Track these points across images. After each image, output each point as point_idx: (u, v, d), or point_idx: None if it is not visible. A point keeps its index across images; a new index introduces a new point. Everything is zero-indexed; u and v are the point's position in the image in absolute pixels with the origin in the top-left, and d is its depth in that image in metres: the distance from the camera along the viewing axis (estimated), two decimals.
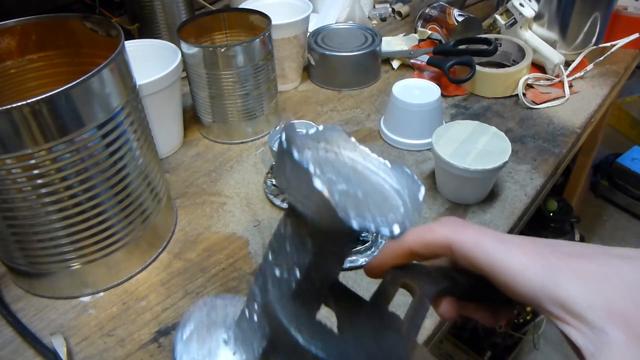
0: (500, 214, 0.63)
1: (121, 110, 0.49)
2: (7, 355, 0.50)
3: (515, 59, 0.89)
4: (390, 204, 0.24)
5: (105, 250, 0.53)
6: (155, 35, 0.91)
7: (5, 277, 0.58)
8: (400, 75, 0.94)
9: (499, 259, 0.25)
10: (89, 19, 0.54)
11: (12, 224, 0.48)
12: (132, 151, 0.52)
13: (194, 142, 0.79)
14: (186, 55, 0.71)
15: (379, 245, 0.59)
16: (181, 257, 0.60)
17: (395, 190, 0.25)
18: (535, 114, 0.82)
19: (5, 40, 0.54)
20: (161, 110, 0.70)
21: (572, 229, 1.52)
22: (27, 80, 0.57)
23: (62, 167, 0.45)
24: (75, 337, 0.51)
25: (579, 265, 0.23)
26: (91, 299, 0.55)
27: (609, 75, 0.92)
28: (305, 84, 0.93)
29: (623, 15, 0.96)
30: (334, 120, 0.82)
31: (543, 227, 1.46)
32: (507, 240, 0.26)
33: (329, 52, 0.87)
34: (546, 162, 0.71)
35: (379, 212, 0.22)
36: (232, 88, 0.72)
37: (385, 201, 0.24)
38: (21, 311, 0.54)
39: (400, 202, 0.25)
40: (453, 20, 0.95)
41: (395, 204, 0.24)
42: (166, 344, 0.50)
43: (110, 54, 0.46)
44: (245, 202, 0.67)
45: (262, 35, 0.70)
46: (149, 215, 0.56)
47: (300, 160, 0.22)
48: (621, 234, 1.82)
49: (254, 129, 0.77)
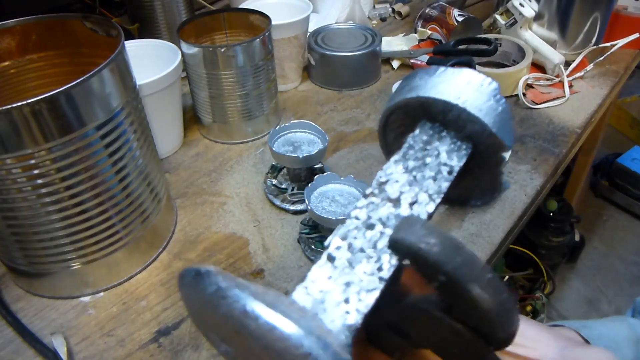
0: (500, 213, 0.63)
1: (121, 110, 0.49)
2: (7, 355, 0.50)
3: (515, 59, 0.89)
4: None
5: (105, 250, 0.53)
6: (155, 35, 0.91)
7: (5, 277, 0.58)
8: (400, 75, 0.94)
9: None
10: (89, 19, 0.54)
11: (12, 224, 0.48)
12: (132, 151, 0.52)
13: (194, 142, 0.79)
14: (186, 55, 0.71)
15: None
16: (181, 257, 0.60)
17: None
18: (535, 114, 0.82)
19: (5, 40, 0.54)
20: (161, 110, 0.70)
21: (572, 229, 1.52)
22: (27, 80, 0.57)
23: (62, 167, 0.45)
24: (76, 337, 0.51)
25: None
26: (91, 299, 0.55)
27: (609, 75, 0.92)
28: (305, 84, 0.93)
29: (623, 15, 0.96)
30: (334, 120, 0.82)
31: (543, 227, 1.46)
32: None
33: (329, 52, 0.87)
34: (546, 162, 0.71)
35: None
36: (232, 88, 0.72)
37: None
38: (21, 311, 0.54)
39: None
40: (453, 20, 0.95)
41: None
42: (166, 343, 0.50)
43: (110, 54, 0.46)
44: (245, 202, 0.67)
45: (262, 35, 0.70)
46: (149, 215, 0.56)
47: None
48: (621, 234, 1.82)
49: (254, 129, 0.77)
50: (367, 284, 0.20)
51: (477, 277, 0.19)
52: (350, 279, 0.20)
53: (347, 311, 0.19)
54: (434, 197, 0.22)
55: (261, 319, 0.17)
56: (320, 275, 0.20)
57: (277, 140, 0.67)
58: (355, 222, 0.21)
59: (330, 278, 0.20)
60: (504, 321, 0.20)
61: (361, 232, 0.21)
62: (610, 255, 1.75)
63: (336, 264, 0.20)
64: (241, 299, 0.17)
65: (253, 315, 0.17)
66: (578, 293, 1.64)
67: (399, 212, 0.22)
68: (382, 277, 0.20)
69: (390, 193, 0.22)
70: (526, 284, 1.48)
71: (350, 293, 0.20)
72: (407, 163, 0.23)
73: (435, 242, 0.19)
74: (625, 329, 0.36)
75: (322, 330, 0.18)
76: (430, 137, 0.24)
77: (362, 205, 0.22)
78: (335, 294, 0.19)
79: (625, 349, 0.34)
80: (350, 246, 0.21)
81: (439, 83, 0.23)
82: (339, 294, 0.19)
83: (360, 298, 0.19)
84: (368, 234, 0.21)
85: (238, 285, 0.18)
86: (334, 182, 0.60)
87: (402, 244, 0.20)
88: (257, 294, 0.17)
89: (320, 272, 0.20)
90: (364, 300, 0.19)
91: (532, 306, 1.41)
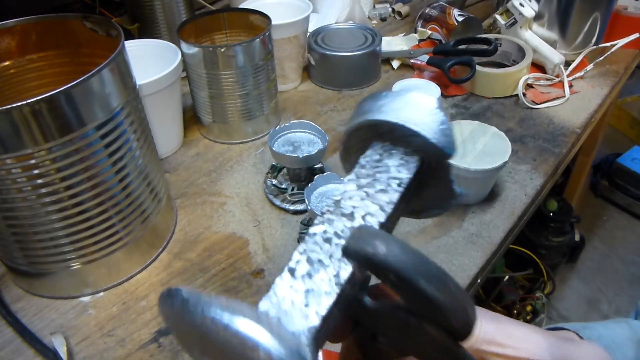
0: (500, 214, 0.63)
1: (121, 110, 0.49)
2: (7, 355, 0.50)
3: (515, 59, 0.89)
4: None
5: (105, 250, 0.53)
6: (155, 35, 0.91)
7: (5, 277, 0.58)
8: (400, 75, 0.94)
9: None
10: (89, 19, 0.54)
11: (12, 224, 0.48)
12: (132, 151, 0.52)
13: (194, 142, 0.79)
14: (186, 55, 0.71)
15: None
16: (181, 257, 0.60)
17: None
18: (535, 113, 0.82)
19: (5, 40, 0.54)
20: (161, 110, 0.70)
21: (572, 229, 1.52)
22: (27, 80, 0.57)
23: (62, 167, 0.45)
24: (76, 337, 0.51)
25: None
26: (91, 299, 0.55)
27: (609, 75, 0.92)
28: (305, 84, 0.93)
29: (623, 15, 0.96)
30: (333, 120, 0.82)
31: (543, 227, 1.46)
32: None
33: (329, 52, 0.87)
34: (546, 162, 0.71)
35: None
36: (232, 88, 0.72)
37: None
38: (21, 311, 0.54)
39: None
40: (453, 20, 0.95)
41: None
42: (166, 343, 0.50)
43: (110, 54, 0.46)
44: (245, 202, 0.67)
45: (262, 35, 0.70)
46: (149, 215, 0.56)
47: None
48: (621, 234, 1.82)
49: (254, 129, 0.77)
50: (325, 290, 0.22)
51: (421, 271, 0.21)
52: (310, 286, 0.22)
53: (306, 315, 0.21)
54: (385, 208, 0.24)
55: (223, 323, 0.18)
56: (282, 286, 0.22)
57: (277, 140, 0.67)
58: (313, 237, 0.24)
59: (291, 287, 0.22)
60: (454, 310, 0.22)
61: (318, 246, 0.23)
62: (610, 255, 1.75)
63: (296, 274, 0.22)
64: (205, 307, 0.19)
65: (216, 320, 0.19)
66: (578, 293, 1.64)
67: (352, 225, 0.24)
68: (339, 282, 0.22)
69: (345, 208, 0.25)
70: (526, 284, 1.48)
71: (310, 298, 0.22)
72: (359, 181, 0.26)
73: (381, 245, 0.21)
74: (626, 330, 0.36)
75: (283, 331, 0.20)
76: (380, 156, 0.27)
77: (319, 222, 0.24)
78: (296, 300, 0.21)
79: (626, 350, 0.34)
80: (309, 259, 0.23)
81: (382, 106, 0.26)
82: (299, 301, 0.21)
83: (319, 302, 0.21)
84: (325, 247, 0.23)
85: (201, 296, 0.19)
86: (334, 182, 0.60)
87: (352, 250, 0.22)
88: (221, 304, 0.19)
89: (283, 284, 0.22)
90: (322, 304, 0.21)
91: (532, 306, 1.41)
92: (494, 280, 1.40)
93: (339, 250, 0.23)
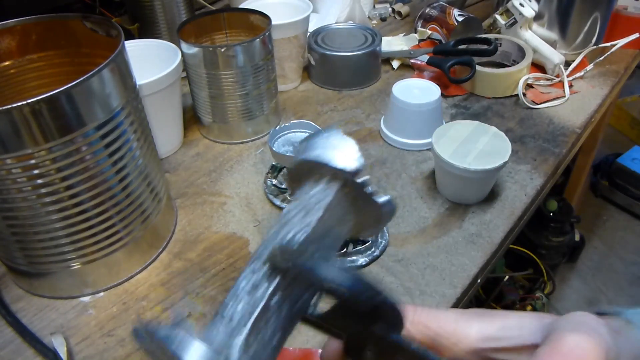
0: (500, 214, 0.63)
1: (121, 110, 0.49)
2: (7, 355, 0.50)
3: (515, 59, 0.89)
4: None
5: (105, 250, 0.53)
6: (155, 35, 0.91)
7: (5, 277, 0.58)
8: (400, 75, 0.94)
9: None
10: (89, 19, 0.54)
11: (12, 224, 0.48)
12: (132, 151, 0.52)
13: (194, 142, 0.79)
14: (186, 55, 0.71)
15: (379, 246, 0.59)
16: (181, 257, 0.60)
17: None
18: (535, 113, 0.82)
19: (5, 40, 0.54)
20: (161, 110, 0.70)
21: (572, 229, 1.52)
22: (27, 80, 0.57)
23: (62, 167, 0.45)
24: (76, 337, 0.51)
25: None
26: (91, 299, 0.55)
27: (609, 75, 0.92)
28: (305, 84, 0.93)
29: (623, 15, 0.96)
30: (334, 120, 0.82)
31: (543, 227, 1.46)
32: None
33: (329, 52, 0.87)
34: (546, 162, 0.71)
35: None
36: (232, 88, 0.72)
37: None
38: (21, 311, 0.54)
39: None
40: (453, 20, 0.95)
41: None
42: None
43: (110, 54, 0.46)
44: (245, 202, 0.67)
45: (262, 35, 0.70)
46: (149, 215, 0.56)
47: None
48: (621, 234, 1.82)
49: (254, 129, 0.77)
50: (249, 309, 0.26)
51: (314, 264, 0.24)
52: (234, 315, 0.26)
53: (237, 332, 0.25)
54: (304, 229, 0.27)
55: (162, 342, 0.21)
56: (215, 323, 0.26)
57: (277, 140, 0.67)
58: (238, 288, 0.28)
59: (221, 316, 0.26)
60: (355, 291, 0.23)
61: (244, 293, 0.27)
62: (610, 255, 1.75)
63: (224, 314, 0.26)
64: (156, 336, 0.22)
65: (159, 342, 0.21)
66: (578, 293, 1.64)
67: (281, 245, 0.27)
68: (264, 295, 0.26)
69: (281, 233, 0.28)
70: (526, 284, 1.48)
71: (234, 321, 0.25)
72: (294, 205, 0.29)
73: (279, 251, 0.25)
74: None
75: (219, 345, 0.23)
76: (309, 187, 0.30)
77: (244, 275, 0.28)
78: (225, 321, 0.25)
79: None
80: (236, 298, 0.27)
81: (309, 146, 0.30)
82: (227, 323, 0.25)
83: (244, 322, 0.25)
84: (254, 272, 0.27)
85: (148, 326, 0.22)
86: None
87: (270, 258, 0.26)
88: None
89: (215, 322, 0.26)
90: (248, 323, 0.25)
91: (532, 306, 1.41)
92: (494, 280, 1.40)
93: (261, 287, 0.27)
